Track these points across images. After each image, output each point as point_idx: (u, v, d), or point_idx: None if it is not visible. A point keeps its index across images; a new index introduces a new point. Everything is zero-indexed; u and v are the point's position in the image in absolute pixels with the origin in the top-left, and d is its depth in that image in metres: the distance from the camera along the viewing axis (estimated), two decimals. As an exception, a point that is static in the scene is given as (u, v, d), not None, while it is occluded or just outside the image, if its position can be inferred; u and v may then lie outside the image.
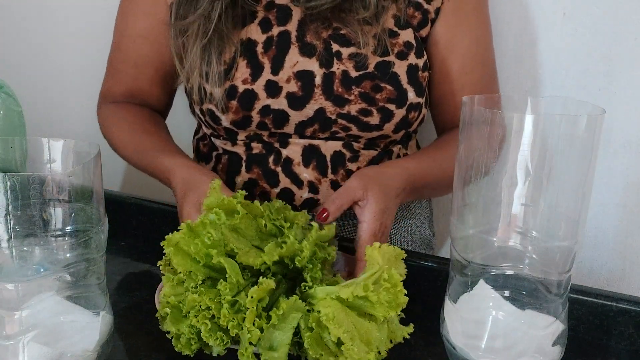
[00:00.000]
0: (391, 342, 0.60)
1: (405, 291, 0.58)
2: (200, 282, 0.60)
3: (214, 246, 0.60)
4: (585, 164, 0.53)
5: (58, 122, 1.45)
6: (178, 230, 0.62)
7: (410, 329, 0.62)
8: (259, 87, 0.87)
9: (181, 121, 1.12)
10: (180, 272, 0.61)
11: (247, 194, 0.69)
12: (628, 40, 0.99)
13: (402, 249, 0.65)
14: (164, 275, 0.64)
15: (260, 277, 0.60)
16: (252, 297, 0.57)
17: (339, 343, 0.57)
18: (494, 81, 0.97)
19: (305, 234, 0.68)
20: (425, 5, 0.90)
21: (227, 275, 0.59)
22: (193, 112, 0.98)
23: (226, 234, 0.61)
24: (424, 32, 0.91)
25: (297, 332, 0.59)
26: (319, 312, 0.57)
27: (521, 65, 1.07)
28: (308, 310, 0.59)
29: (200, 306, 0.59)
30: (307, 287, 0.61)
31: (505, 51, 0.97)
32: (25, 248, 0.51)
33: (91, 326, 0.54)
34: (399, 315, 0.62)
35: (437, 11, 0.91)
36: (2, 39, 1.45)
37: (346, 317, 0.57)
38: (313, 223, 0.67)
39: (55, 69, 1.43)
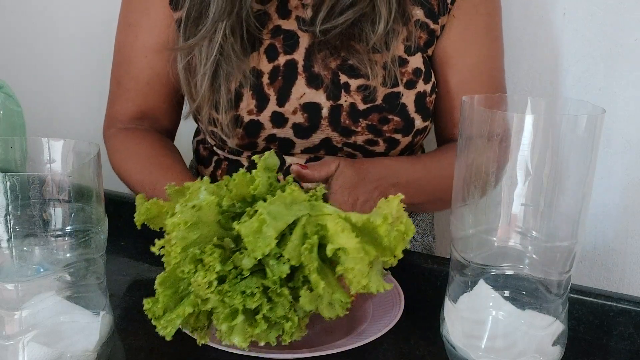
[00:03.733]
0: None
1: (408, 246, 0.58)
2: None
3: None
4: (585, 164, 0.53)
5: (58, 122, 1.45)
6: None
7: (390, 286, 0.58)
8: (264, 118, 0.86)
9: (181, 121, 1.12)
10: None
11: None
12: (628, 40, 1.00)
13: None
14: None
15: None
16: None
17: (334, 260, 0.56)
18: None
19: None
20: (432, 25, 0.88)
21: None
22: (196, 120, 0.97)
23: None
24: (430, 51, 0.90)
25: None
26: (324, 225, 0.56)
27: (521, 65, 1.07)
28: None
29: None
30: (314, 198, 0.60)
31: (506, 51, 0.97)
32: (25, 248, 0.51)
33: (91, 326, 0.54)
34: (386, 271, 0.61)
35: (442, 28, 0.89)
36: (2, 39, 1.45)
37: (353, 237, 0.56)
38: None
39: (55, 69, 1.43)
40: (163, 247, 0.58)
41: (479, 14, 0.90)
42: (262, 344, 0.58)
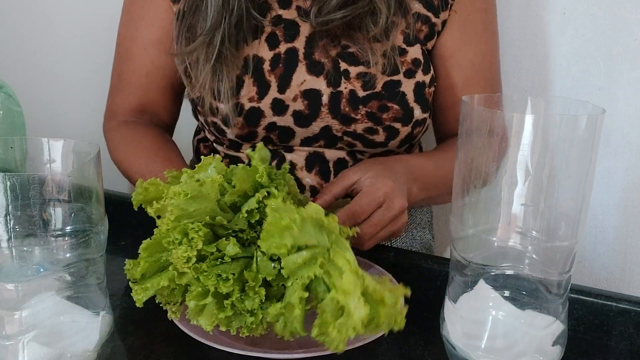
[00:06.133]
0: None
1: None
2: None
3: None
4: (585, 164, 0.53)
5: (58, 122, 1.45)
6: None
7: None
8: (265, 105, 0.86)
9: (181, 121, 1.12)
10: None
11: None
12: (628, 40, 1.00)
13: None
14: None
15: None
16: None
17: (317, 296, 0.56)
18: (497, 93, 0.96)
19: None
20: (433, 19, 0.89)
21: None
22: (196, 116, 0.97)
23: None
24: (430, 45, 0.91)
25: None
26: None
27: (521, 65, 1.07)
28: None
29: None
30: (344, 234, 0.60)
31: (505, 51, 0.97)
32: (25, 248, 0.51)
33: (91, 326, 0.54)
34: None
35: (444, 23, 0.90)
36: (2, 39, 1.45)
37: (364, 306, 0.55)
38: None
39: (55, 69, 1.43)
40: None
41: (477, 10, 0.91)
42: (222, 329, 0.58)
